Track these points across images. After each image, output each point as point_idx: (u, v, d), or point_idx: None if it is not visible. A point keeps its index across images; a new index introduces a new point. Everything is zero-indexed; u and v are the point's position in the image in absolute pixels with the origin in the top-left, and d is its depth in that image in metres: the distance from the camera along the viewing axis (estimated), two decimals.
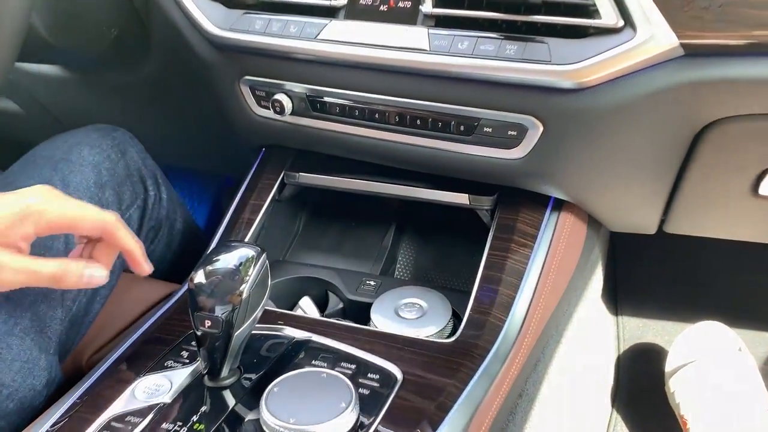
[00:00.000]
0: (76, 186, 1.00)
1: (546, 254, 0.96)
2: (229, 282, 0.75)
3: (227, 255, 0.77)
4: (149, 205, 1.11)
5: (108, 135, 1.09)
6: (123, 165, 1.07)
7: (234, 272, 0.75)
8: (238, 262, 0.76)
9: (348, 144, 1.00)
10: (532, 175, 0.92)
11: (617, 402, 1.31)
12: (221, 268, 0.76)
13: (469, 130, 0.90)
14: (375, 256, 1.13)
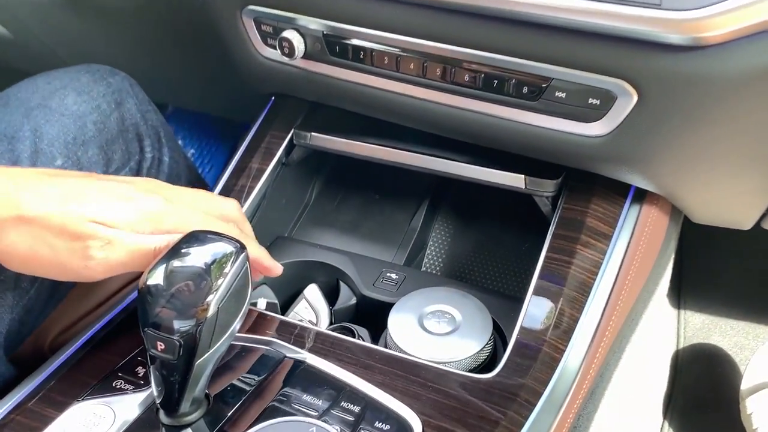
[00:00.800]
0: (51, 140, 0.83)
1: (622, 260, 0.74)
2: (193, 289, 0.55)
3: (196, 249, 0.57)
4: (144, 168, 0.95)
5: (102, 80, 0.90)
6: (116, 119, 0.90)
7: (201, 275, 0.55)
8: (210, 260, 0.56)
9: (373, 100, 0.78)
10: (616, 159, 0.69)
11: (670, 411, 1.16)
12: (185, 267, 0.56)
13: (535, 93, 0.67)
14: (400, 241, 0.92)
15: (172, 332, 0.54)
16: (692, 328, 1.27)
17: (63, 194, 0.62)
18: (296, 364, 0.64)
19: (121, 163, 0.92)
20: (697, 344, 1.25)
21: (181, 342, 0.54)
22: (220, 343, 0.56)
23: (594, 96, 0.65)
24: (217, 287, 0.55)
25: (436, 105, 0.74)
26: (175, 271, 0.56)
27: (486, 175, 0.79)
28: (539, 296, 0.70)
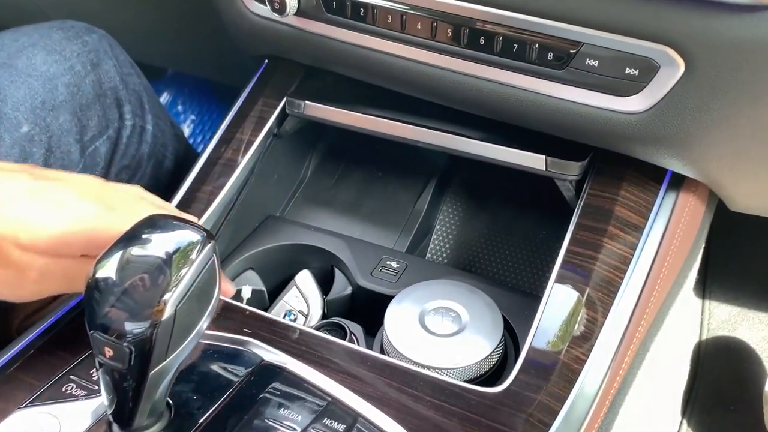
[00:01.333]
0: (16, 104, 0.75)
1: (654, 256, 0.64)
2: (148, 285, 0.46)
3: (155, 237, 0.48)
4: (123, 137, 0.87)
5: (76, 38, 0.82)
6: (92, 81, 0.83)
7: (158, 269, 0.47)
8: (171, 250, 0.47)
9: (374, 66, 0.68)
10: (654, 140, 0.59)
11: (690, 408, 1.09)
12: (140, 258, 0.47)
13: (562, 60, 0.58)
14: (403, 225, 0.83)
15: (122, 336, 0.46)
16: (717, 320, 1.20)
17: None
18: (275, 369, 0.55)
19: (98, 131, 0.83)
20: (722, 337, 1.18)
21: (132, 348, 0.46)
22: (180, 350, 0.47)
23: (632, 65, 0.55)
24: (176, 283, 0.46)
25: (446, 72, 0.64)
26: (129, 263, 0.47)
27: (502, 154, 0.69)
28: (558, 297, 0.61)
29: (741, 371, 1.15)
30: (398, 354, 0.62)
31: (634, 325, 0.61)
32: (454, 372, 0.60)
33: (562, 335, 0.59)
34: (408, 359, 0.61)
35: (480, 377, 0.62)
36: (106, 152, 0.85)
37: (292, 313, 0.76)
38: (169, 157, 0.96)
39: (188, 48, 1.25)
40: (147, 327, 0.46)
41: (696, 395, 1.09)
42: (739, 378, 1.13)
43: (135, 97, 0.89)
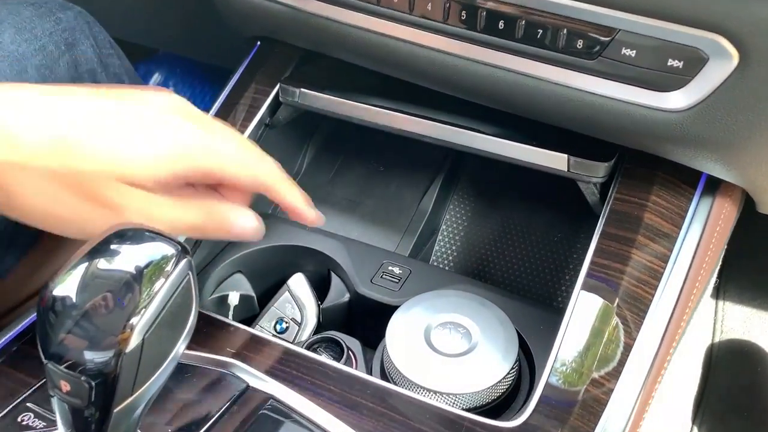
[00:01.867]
0: None
1: (688, 269, 0.57)
2: (111, 307, 0.39)
3: (123, 249, 0.42)
4: None
5: (49, 15, 0.75)
6: (67, 63, 0.76)
7: (125, 288, 0.40)
8: (140, 266, 0.41)
9: (378, 50, 0.61)
10: (697, 142, 0.52)
11: (701, 413, 1.04)
12: (104, 274, 0.40)
13: (594, 50, 0.51)
14: (406, 226, 0.76)
15: (81, 369, 0.39)
16: (731, 321, 1.14)
17: (74, 128, 0.46)
18: (261, 398, 0.48)
19: None
20: (735, 340, 1.12)
21: (92, 384, 0.39)
22: (149, 383, 0.40)
23: (676, 56, 0.48)
24: (144, 305, 0.39)
25: (460, 60, 0.57)
26: (90, 281, 0.40)
27: (518, 152, 0.62)
28: (581, 315, 0.54)
29: (755, 376, 1.10)
30: (401, 376, 0.55)
31: (664, 349, 0.55)
32: (464, 398, 0.54)
33: (587, 361, 0.52)
34: (412, 383, 0.55)
35: (491, 403, 0.56)
36: None
37: (284, 321, 0.69)
38: None
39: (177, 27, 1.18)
40: (110, 357, 0.39)
41: (707, 401, 1.04)
42: (752, 383, 1.09)
43: (115, 81, 0.81)
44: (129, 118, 0.48)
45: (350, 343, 0.61)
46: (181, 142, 0.48)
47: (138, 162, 0.47)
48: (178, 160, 0.48)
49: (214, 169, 0.50)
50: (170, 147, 0.48)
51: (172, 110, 0.49)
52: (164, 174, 0.48)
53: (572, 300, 0.55)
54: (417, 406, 0.50)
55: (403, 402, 0.50)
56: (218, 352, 0.52)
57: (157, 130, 0.48)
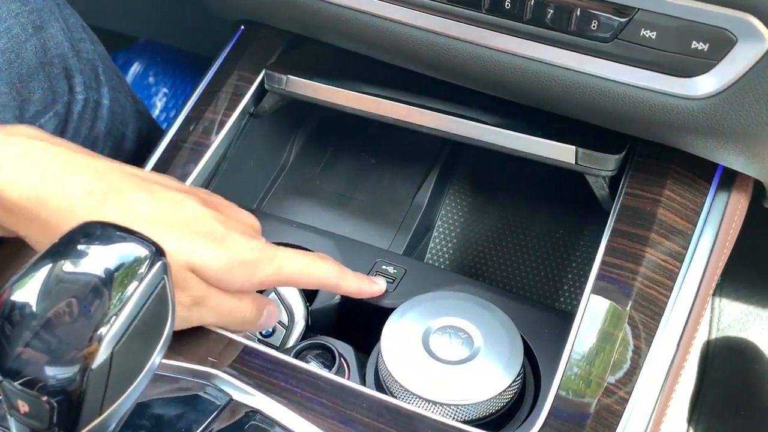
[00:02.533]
0: None
1: (705, 267, 0.54)
2: (75, 316, 0.35)
3: (92, 251, 0.37)
4: (74, 113, 0.75)
5: None
6: (35, 47, 0.70)
7: (90, 295, 0.36)
8: (109, 269, 0.36)
9: (371, 34, 0.57)
10: (719, 132, 0.48)
11: (698, 412, 1.01)
12: (71, 278, 0.36)
13: (610, 31, 0.46)
14: (401, 221, 0.72)
15: (41, 387, 0.34)
16: (728, 318, 1.12)
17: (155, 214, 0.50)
18: (245, 415, 0.44)
19: (42, 105, 0.71)
20: (732, 337, 1.10)
21: (54, 404, 0.34)
22: (120, 402, 0.36)
23: (701, 38, 0.44)
24: (114, 314, 0.35)
25: (461, 44, 0.53)
26: (53, 285, 0.36)
27: (522, 144, 0.58)
28: (592, 319, 0.50)
29: (751, 374, 1.08)
30: (398, 386, 0.51)
31: (681, 353, 0.51)
32: (465, 409, 0.50)
33: (599, 369, 0.48)
34: (409, 392, 0.51)
35: (494, 414, 0.52)
36: (53, 131, 0.73)
37: None
38: (130, 136, 0.84)
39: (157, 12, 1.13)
40: (74, 374, 0.34)
41: (704, 399, 1.02)
42: (750, 382, 1.07)
43: (88, 67, 0.76)
44: (195, 220, 0.51)
45: (342, 350, 0.57)
46: (236, 261, 0.50)
47: (209, 265, 0.49)
48: (237, 273, 0.50)
49: (284, 282, 0.56)
50: (225, 265, 0.50)
51: (246, 244, 0.52)
52: (238, 286, 0.51)
53: (582, 303, 0.51)
54: (416, 420, 0.45)
55: (401, 416, 0.46)
56: (198, 362, 0.47)
57: (224, 242, 0.51)
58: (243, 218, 0.56)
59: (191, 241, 0.49)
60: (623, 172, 0.57)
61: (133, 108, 0.85)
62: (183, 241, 0.48)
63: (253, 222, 0.57)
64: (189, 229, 0.49)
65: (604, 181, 0.57)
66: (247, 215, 0.57)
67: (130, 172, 0.52)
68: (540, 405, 0.48)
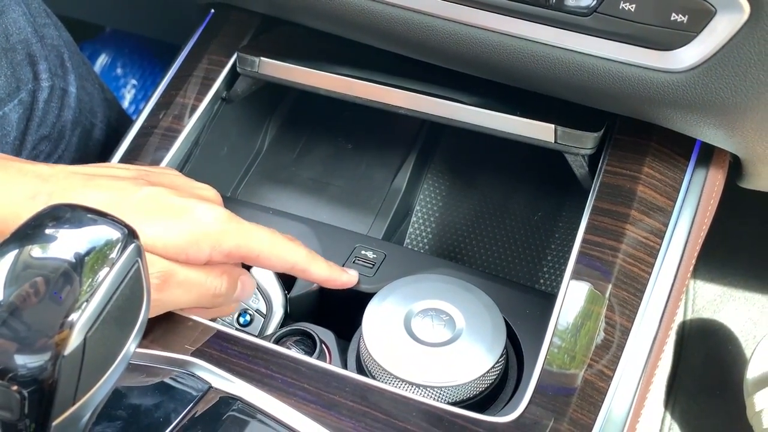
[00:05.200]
0: None
1: (684, 243, 0.54)
2: (45, 301, 0.34)
3: (61, 233, 0.36)
4: (40, 101, 0.73)
5: None
6: None
7: (63, 278, 0.34)
8: (81, 252, 0.35)
9: (347, 13, 0.55)
10: (699, 106, 0.47)
11: (674, 394, 1.02)
12: (39, 263, 0.35)
13: (588, 5, 0.46)
14: (379, 207, 0.71)
15: (12, 377, 0.33)
16: (702, 300, 1.12)
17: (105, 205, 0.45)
18: (225, 402, 0.43)
19: (6, 93, 0.69)
20: (708, 319, 1.10)
21: (25, 394, 0.33)
22: (94, 391, 0.35)
23: (680, 10, 0.44)
24: (85, 300, 0.34)
25: (437, 21, 0.52)
26: (21, 271, 0.34)
27: (501, 123, 0.57)
28: (575, 297, 0.50)
29: (725, 354, 1.09)
30: (380, 369, 0.50)
31: (664, 330, 0.51)
32: (449, 391, 0.49)
33: (583, 347, 0.48)
34: (392, 375, 0.50)
35: (478, 395, 0.51)
36: (18, 119, 0.71)
37: (248, 314, 0.64)
38: (99, 125, 0.82)
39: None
40: (45, 362, 0.33)
41: (680, 380, 1.02)
42: (724, 362, 1.08)
43: (54, 54, 0.74)
44: (149, 200, 0.49)
45: (323, 336, 0.56)
46: (197, 234, 0.49)
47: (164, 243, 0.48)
48: (200, 244, 0.49)
49: (250, 257, 0.52)
50: (188, 239, 0.49)
51: (206, 214, 0.50)
52: (204, 258, 0.49)
53: (565, 281, 0.51)
54: (402, 403, 0.45)
55: (385, 399, 0.45)
56: (175, 350, 0.46)
57: (180, 231, 0.49)
58: (201, 192, 0.54)
59: (145, 221, 0.47)
60: (602, 150, 0.57)
61: (101, 97, 0.83)
62: (136, 223, 0.47)
63: (212, 195, 0.55)
64: (142, 211, 0.48)
65: (583, 160, 0.57)
66: (206, 188, 0.56)
67: (73, 171, 0.50)
68: (524, 385, 0.48)
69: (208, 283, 0.50)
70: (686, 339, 1.08)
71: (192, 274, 0.49)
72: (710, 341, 1.10)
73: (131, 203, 0.48)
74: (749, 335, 1.12)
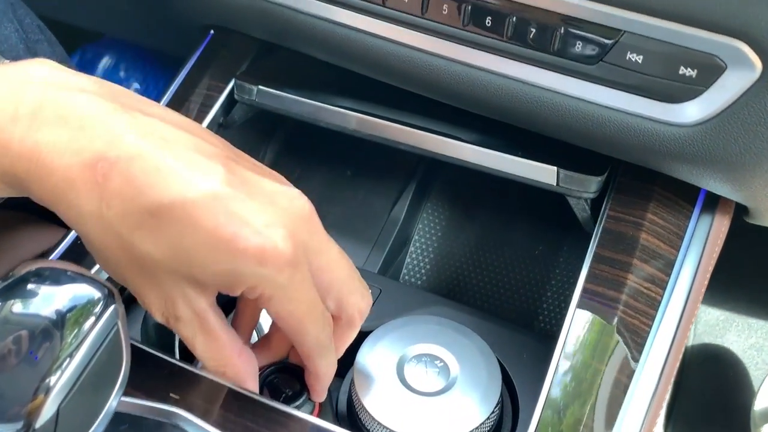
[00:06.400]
0: None
1: (687, 294, 0.52)
2: (17, 366, 0.32)
3: (42, 292, 0.35)
4: None
5: None
6: None
7: (41, 338, 0.33)
8: (58, 312, 0.34)
9: (347, 46, 0.54)
10: (706, 160, 0.46)
11: (674, 420, 1.01)
12: (17, 320, 0.34)
13: (594, 54, 0.44)
14: (376, 237, 0.70)
15: None
16: (704, 325, 1.11)
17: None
18: None
19: None
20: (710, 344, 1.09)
21: None
22: None
23: (689, 63, 0.42)
24: (61, 365, 0.32)
25: (438, 60, 0.51)
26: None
27: (502, 163, 0.55)
28: (573, 352, 0.48)
29: (728, 381, 1.08)
30: (372, 420, 0.49)
31: (663, 385, 0.50)
32: None
33: (579, 404, 0.46)
34: (384, 427, 0.48)
35: None
36: None
37: None
38: None
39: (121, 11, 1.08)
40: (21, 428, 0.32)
41: (679, 406, 1.01)
42: (726, 388, 1.06)
43: None
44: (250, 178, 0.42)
45: None
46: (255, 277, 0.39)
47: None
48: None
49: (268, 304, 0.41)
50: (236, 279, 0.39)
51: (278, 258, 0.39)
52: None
53: (563, 333, 0.49)
54: None
55: None
56: (158, 398, 0.44)
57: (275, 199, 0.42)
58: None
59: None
60: (605, 193, 0.55)
61: None
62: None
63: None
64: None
65: (585, 203, 0.55)
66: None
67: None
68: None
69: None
70: (687, 364, 1.07)
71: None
72: (712, 367, 1.08)
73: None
74: (752, 362, 1.10)
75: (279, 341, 0.49)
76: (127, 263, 0.38)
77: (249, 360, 0.45)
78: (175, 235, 0.37)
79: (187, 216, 0.37)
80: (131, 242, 0.37)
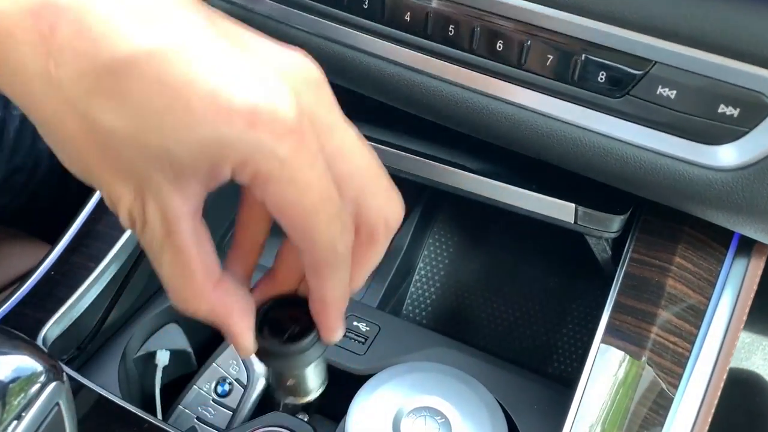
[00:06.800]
0: None
1: (719, 349, 0.47)
2: None
3: None
4: (10, 130, 0.70)
5: None
6: None
7: None
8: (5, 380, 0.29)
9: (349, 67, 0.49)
10: (746, 207, 0.40)
11: None
12: None
13: (620, 86, 0.39)
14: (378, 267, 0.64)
15: None
16: None
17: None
18: None
19: None
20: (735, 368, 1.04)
21: None
22: None
23: (730, 101, 0.37)
24: None
25: (446, 85, 0.45)
26: None
27: (516, 198, 0.50)
28: (589, 412, 0.43)
29: (754, 404, 1.03)
30: None
31: None
32: None
33: None
34: None
35: None
36: None
37: (227, 383, 0.58)
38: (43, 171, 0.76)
39: None
40: None
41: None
42: (751, 413, 1.01)
43: None
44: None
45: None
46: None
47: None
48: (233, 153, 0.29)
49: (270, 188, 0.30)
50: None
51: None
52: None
53: (578, 394, 0.44)
54: None
55: None
56: None
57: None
58: None
59: None
60: (628, 231, 0.50)
61: None
62: None
63: None
64: None
65: (606, 244, 0.50)
66: None
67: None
68: None
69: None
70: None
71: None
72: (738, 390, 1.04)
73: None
74: None
75: (287, 271, 0.37)
76: (85, 143, 0.30)
77: (234, 294, 0.34)
78: (140, 96, 0.28)
79: (154, 70, 0.28)
80: (89, 113, 0.29)
